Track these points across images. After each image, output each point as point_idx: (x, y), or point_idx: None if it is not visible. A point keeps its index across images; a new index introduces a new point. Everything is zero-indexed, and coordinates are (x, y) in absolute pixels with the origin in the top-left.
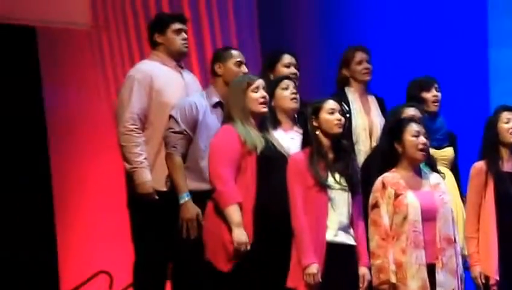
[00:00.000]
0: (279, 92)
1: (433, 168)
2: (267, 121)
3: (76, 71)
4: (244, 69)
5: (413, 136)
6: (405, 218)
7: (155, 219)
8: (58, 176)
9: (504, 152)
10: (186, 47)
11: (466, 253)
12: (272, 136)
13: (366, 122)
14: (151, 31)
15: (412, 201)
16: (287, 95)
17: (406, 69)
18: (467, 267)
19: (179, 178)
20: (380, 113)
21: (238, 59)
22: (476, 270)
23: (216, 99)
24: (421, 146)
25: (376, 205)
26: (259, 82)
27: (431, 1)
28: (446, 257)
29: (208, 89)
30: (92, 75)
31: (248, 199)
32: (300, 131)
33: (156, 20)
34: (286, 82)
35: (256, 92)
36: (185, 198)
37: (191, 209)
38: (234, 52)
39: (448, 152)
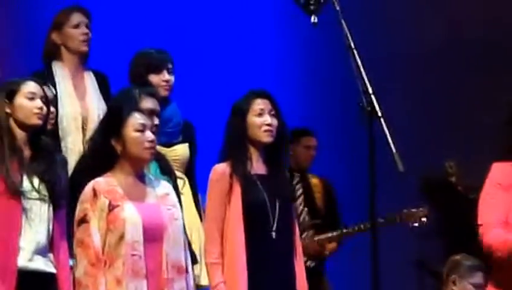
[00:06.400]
0: None
1: (168, 172)
2: None
3: None
4: None
5: (137, 130)
6: (122, 238)
7: None
8: None
9: (253, 151)
10: None
11: (204, 283)
12: None
13: (79, 109)
14: None
15: (131, 215)
16: None
17: (136, 40)
18: None
19: None
20: (101, 96)
21: None
22: None
23: None
24: (147, 144)
25: (84, 220)
26: None
27: None
28: None
29: None
30: None
31: None
32: None
33: None
34: None
35: None
36: None
37: None
38: None
39: (181, 150)
